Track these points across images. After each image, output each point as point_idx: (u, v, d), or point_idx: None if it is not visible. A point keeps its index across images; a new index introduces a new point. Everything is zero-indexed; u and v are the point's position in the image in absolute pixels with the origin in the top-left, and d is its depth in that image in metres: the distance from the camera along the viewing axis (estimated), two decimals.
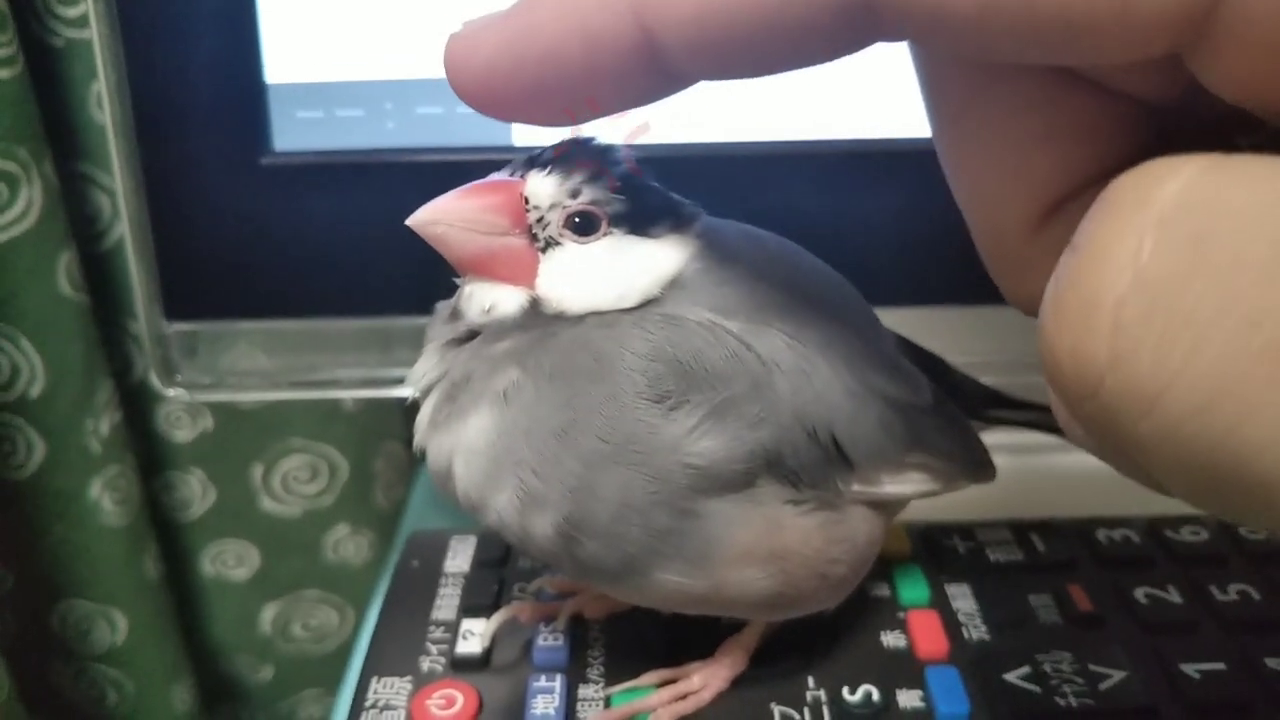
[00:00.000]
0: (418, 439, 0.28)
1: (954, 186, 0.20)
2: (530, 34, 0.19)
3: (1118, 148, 0.19)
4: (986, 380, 0.36)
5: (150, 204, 0.39)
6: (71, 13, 0.45)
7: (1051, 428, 0.37)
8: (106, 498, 0.50)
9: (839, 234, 0.40)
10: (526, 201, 0.26)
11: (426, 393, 0.28)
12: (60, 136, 0.47)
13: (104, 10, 0.37)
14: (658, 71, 0.19)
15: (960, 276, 0.37)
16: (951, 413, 0.31)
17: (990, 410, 0.36)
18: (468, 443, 0.26)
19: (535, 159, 0.26)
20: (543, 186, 0.26)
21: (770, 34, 0.17)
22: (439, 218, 0.25)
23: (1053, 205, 0.19)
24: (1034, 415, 0.37)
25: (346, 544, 0.59)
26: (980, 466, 0.32)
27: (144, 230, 0.40)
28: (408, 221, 0.25)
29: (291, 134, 0.39)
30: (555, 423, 0.25)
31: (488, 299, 0.27)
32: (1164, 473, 0.14)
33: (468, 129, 0.39)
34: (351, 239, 0.40)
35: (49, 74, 0.46)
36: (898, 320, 0.33)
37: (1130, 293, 0.14)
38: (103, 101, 0.38)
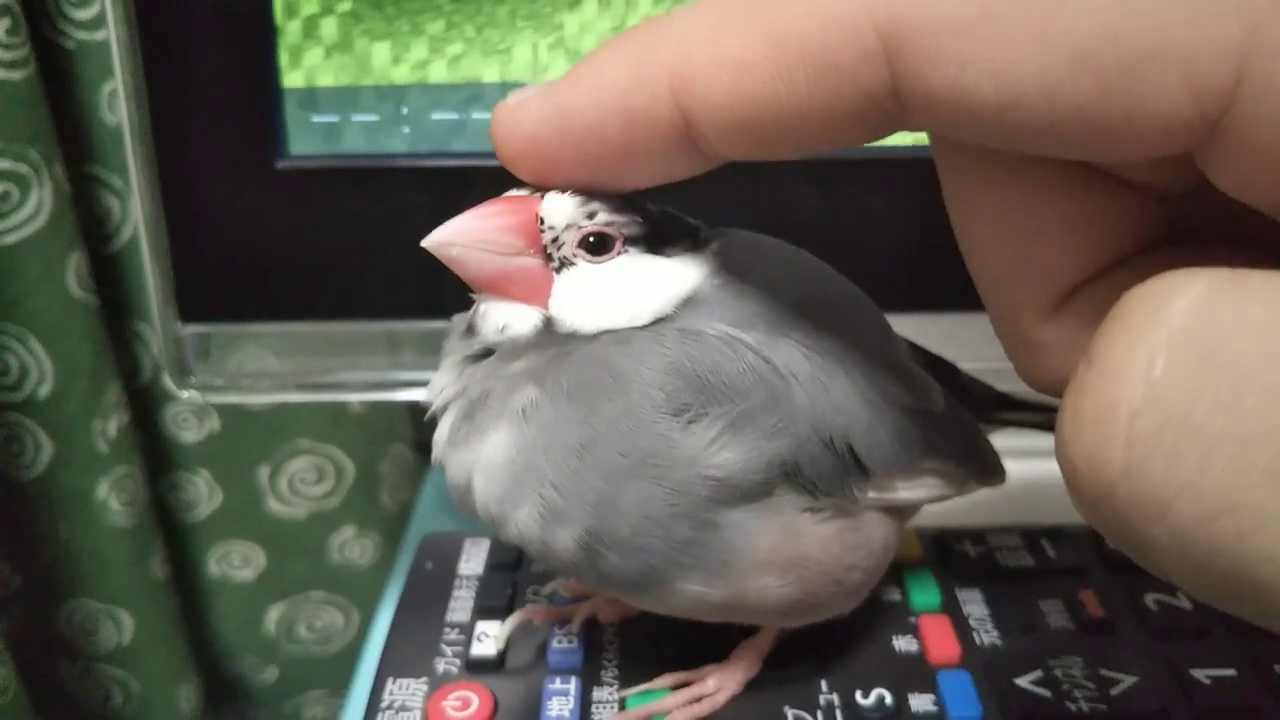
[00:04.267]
0: (436, 454, 0.28)
1: (971, 268, 0.21)
2: (573, 110, 0.20)
3: (1132, 237, 0.20)
4: (1000, 387, 0.36)
5: (165, 206, 0.40)
6: (84, 15, 0.45)
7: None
8: (114, 498, 0.51)
9: (852, 241, 0.40)
10: (542, 221, 0.26)
11: (444, 408, 0.28)
12: (71, 138, 0.47)
13: (121, 13, 0.37)
14: (692, 150, 0.19)
15: (971, 283, 0.38)
16: (962, 417, 0.32)
17: (1000, 413, 0.36)
18: (487, 459, 0.26)
19: None
20: (559, 207, 0.26)
21: (801, 120, 0.18)
22: (454, 239, 0.25)
23: (1067, 292, 0.20)
24: (1043, 417, 0.37)
25: (352, 546, 0.60)
26: (991, 470, 0.32)
27: (159, 232, 0.40)
28: (423, 243, 0.25)
29: (306, 138, 0.39)
30: (574, 439, 0.25)
31: (502, 318, 0.27)
32: (1175, 573, 0.15)
33: (482, 135, 0.39)
34: (365, 244, 0.40)
35: (60, 76, 0.46)
36: (910, 326, 0.33)
37: (1143, 406, 0.14)
38: (119, 104, 0.38)
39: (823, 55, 0.17)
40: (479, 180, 0.39)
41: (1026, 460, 0.38)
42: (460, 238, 0.25)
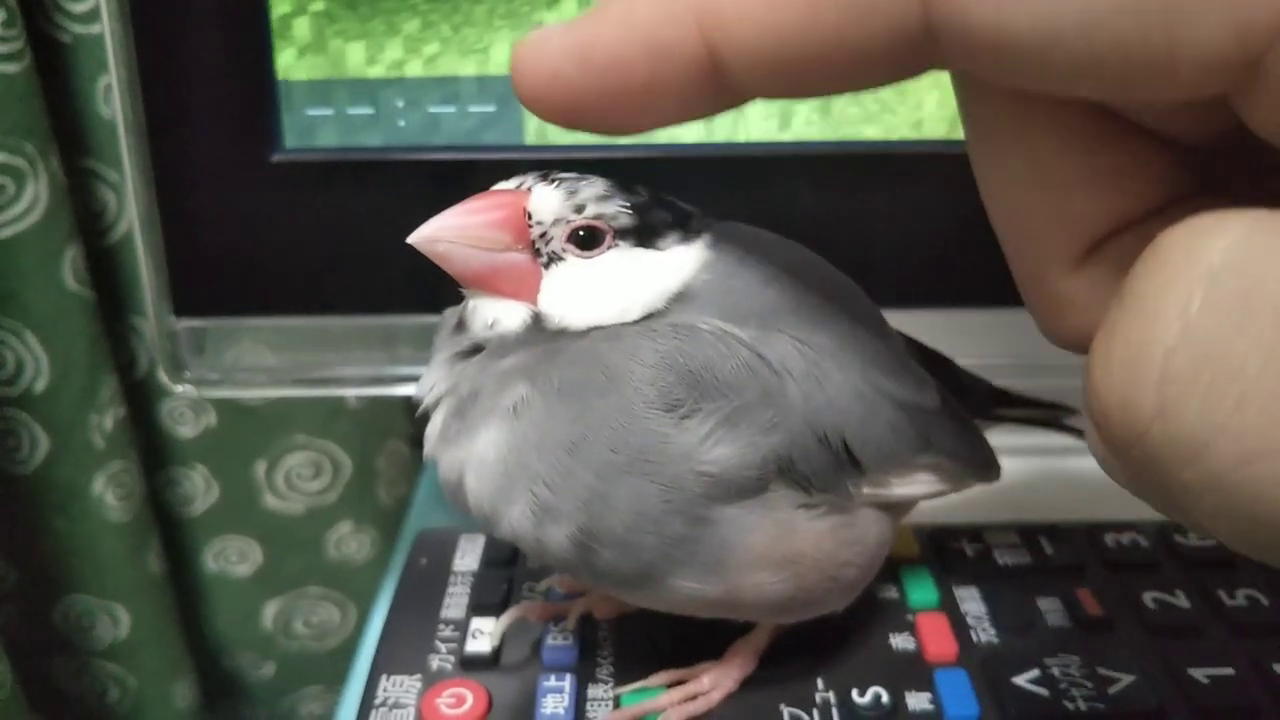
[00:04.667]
0: (428, 450, 0.28)
1: (994, 221, 0.21)
2: (596, 44, 0.19)
3: (1159, 189, 0.20)
4: (997, 383, 0.36)
5: (160, 200, 0.39)
6: (79, 8, 0.45)
7: (1058, 425, 0.37)
8: (110, 493, 0.50)
9: (849, 237, 0.40)
10: (529, 216, 0.25)
11: (435, 404, 0.28)
12: (67, 132, 0.47)
13: (116, 7, 0.37)
14: (719, 86, 0.19)
15: (970, 279, 0.37)
16: (958, 413, 0.32)
17: (997, 408, 0.36)
18: (479, 457, 0.26)
19: (545, 175, 0.26)
20: (546, 202, 0.25)
21: (831, 57, 0.17)
22: (441, 235, 0.25)
23: (1092, 244, 0.20)
24: (1040, 412, 0.37)
25: (349, 541, 0.59)
26: (986, 466, 0.32)
27: (154, 226, 0.40)
28: (410, 239, 0.25)
29: (302, 131, 0.39)
30: (566, 436, 0.25)
31: (491, 314, 0.27)
32: (1208, 518, 0.15)
33: (479, 128, 0.39)
34: (361, 237, 0.40)
35: (56, 69, 0.46)
36: (908, 323, 0.33)
37: (1179, 345, 0.14)
38: (113, 97, 0.38)
39: None
40: (477, 173, 0.39)
41: (1024, 458, 0.38)
42: (447, 234, 0.25)
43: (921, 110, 0.39)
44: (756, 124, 0.40)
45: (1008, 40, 0.16)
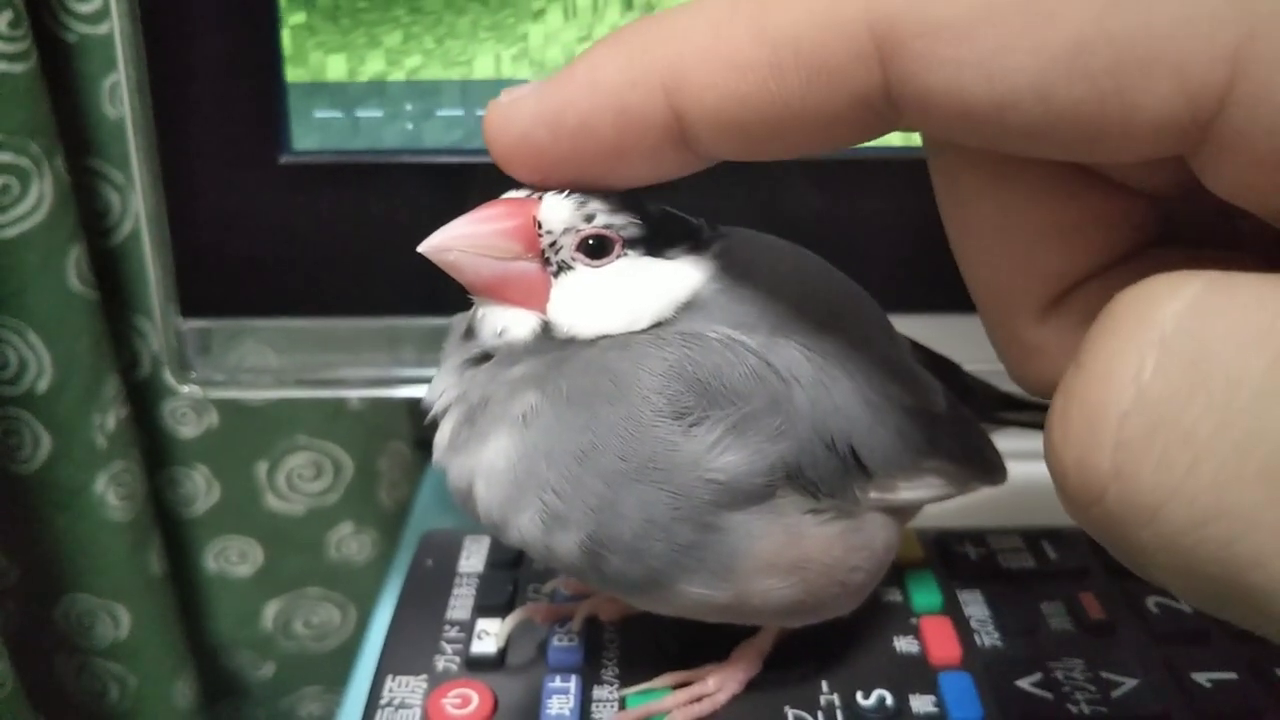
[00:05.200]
0: (437, 457, 0.28)
1: (963, 270, 0.21)
2: (565, 108, 0.20)
3: (1125, 239, 0.20)
4: (1003, 388, 0.36)
5: (167, 201, 0.39)
6: (86, 8, 0.45)
7: None
8: (111, 493, 0.50)
9: (857, 242, 0.40)
10: (539, 225, 0.26)
11: (444, 411, 0.28)
12: (72, 132, 0.47)
13: (124, 6, 0.37)
14: (685, 149, 0.19)
15: None
16: (964, 417, 0.32)
17: (1003, 413, 0.36)
18: (489, 465, 0.26)
19: None
20: (556, 211, 0.25)
21: (794, 122, 0.18)
22: (451, 244, 0.25)
23: (1060, 293, 0.20)
24: (1045, 417, 0.37)
25: (350, 542, 0.60)
26: (993, 469, 0.32)
27: (160, 227, 0.40)
28: (420, 249, 0.25)
29: (310, 134, 0.39)
30: (575, 445, 0.25)
31: (500, 322, 0.27)
32: (1165, 577, 0.15)
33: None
34: (367, 240, 0.40)
35: (62, 69, 0.46)
36: (915, 327, 0.33)
37: (1133, 410, 0.14)
38: (121, 98, 0.38)
39: (816, 57, 0.17)
40: (483, 177, 0.39)
41: (1028, 462, 0.38)
42: (457, 243, 0.25)
43: None
44: None
45: (966, 106, 0.16)
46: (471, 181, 0.38)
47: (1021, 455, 0.35)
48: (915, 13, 0.16)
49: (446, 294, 0.29)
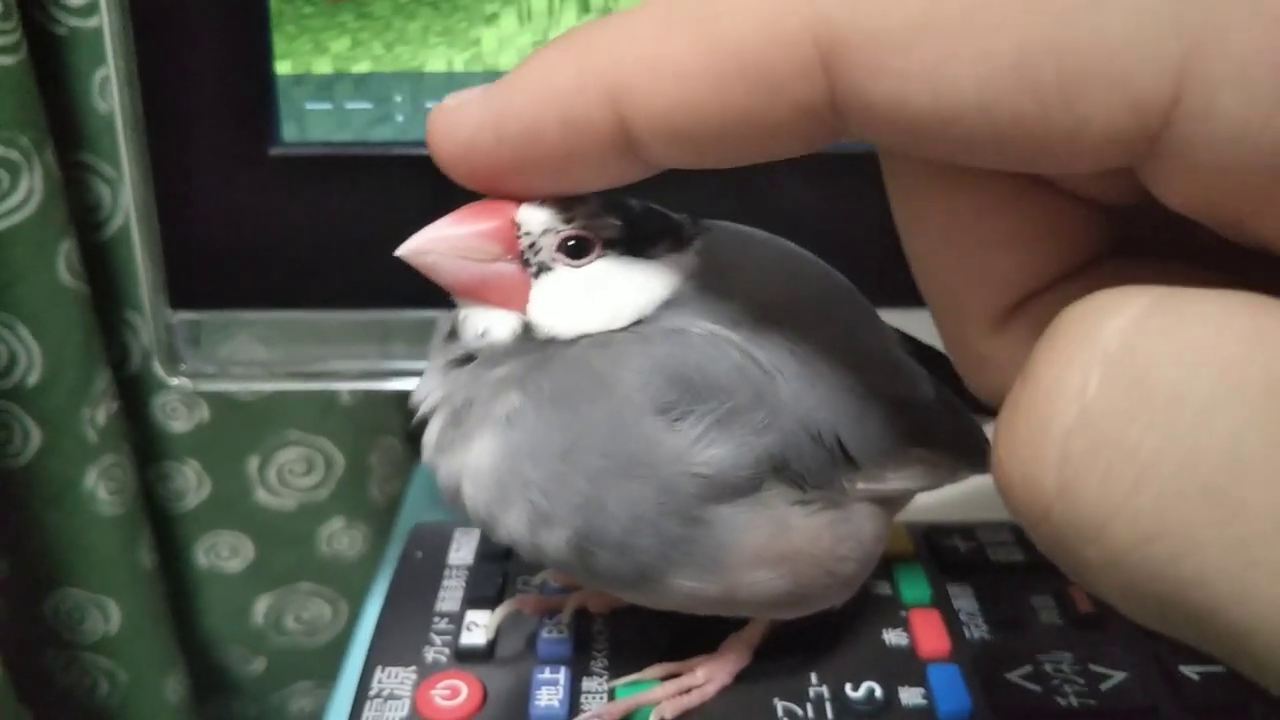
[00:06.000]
0: (426, 458, 0.28)
1: (917, 279, 0.21)
2: (509, 114, 0.20)
3: (1080, 249, 0.20)
4: None
5: (156, 193, 0.39)
6: (76, 1, 0.45)
7: None
8: (101, 487, 0.50)
9: (844, 236, 0.40)
10: (518, 227, 0.26)
11: (431, 412, 0.28)
12: (62, 125, 0.47)
13: (114, 0, 0.37)
14: (631, 156, 0.19)
15: None
16: (953, 404, 0.32)
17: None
18: (475, 465, 0.26)
19: None
20: (535, 213, 0.25)
21: (739, 131, 0.18)
22: (429, 246, 0.25)
23: (1013, 304, 0.20)
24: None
25: (341, 537, 0.59)
26: (982, 456, 0.32)
27: (149, 219, 0.40)
28: (398, 252, 0.25)
29: (299, 125, 0.39)
30: (559, 444, 0.25)
31: (481, 324, 0.27)
32: (1111, 594, 0.15)
33: None
34: (357, 232, 0.40)
35: (52, 62, 0.46)
36: (904, 322, 0.33)
37: (1076, 428, 0.14)
38: (111, 91, 0.38)
39: (760, 68, 0.17)
40: None
41: None
42: (435, 245, 0.25)
43: None
44: None
45: (910, 116, 0.16)
46: None
47: None
48: (858, 23, 0.16)
49: (436, 287, 0.29)
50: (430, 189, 0.39)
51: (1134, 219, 0.20)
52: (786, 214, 0.41)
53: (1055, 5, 0.15)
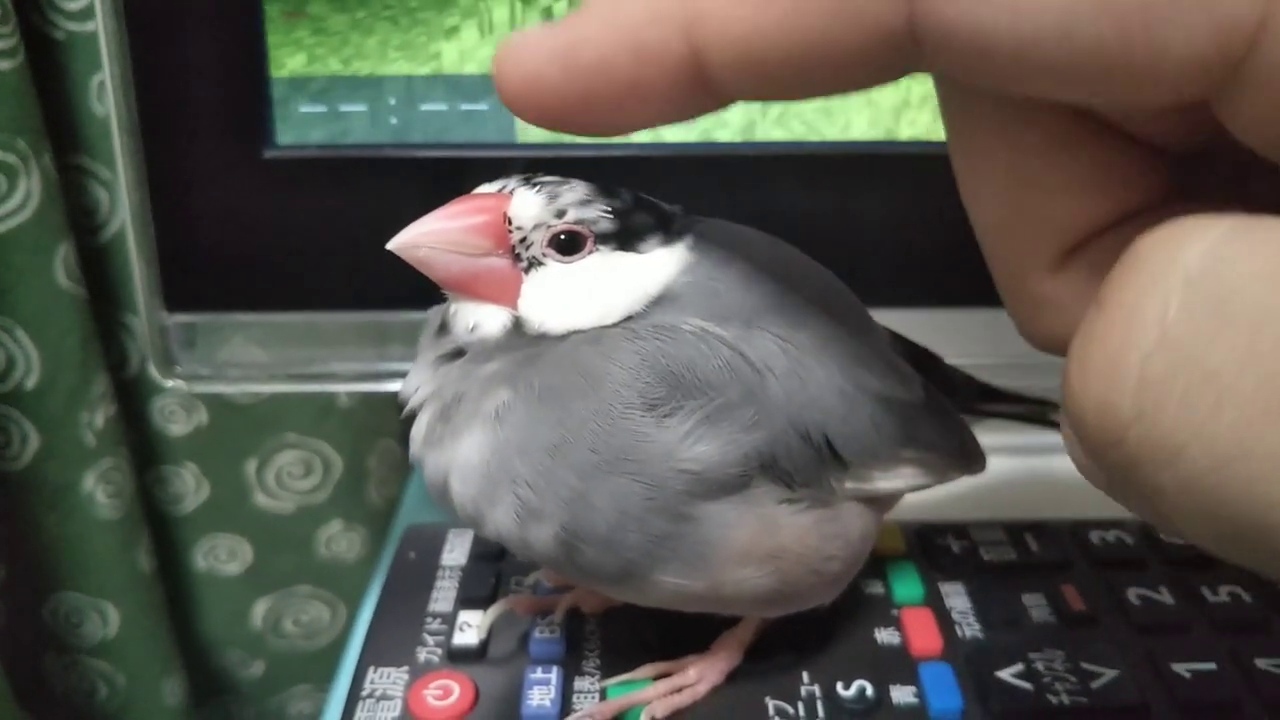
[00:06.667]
0: (414, 452, 0.28)
1: (975, 222, 0.21)
2: (580, 45, 0.19)
3: (1139, 193, 0.20)
4: (983, 380, 0.36)
5: (152, 196, 0.40)
6: (73, 6, 0.45)
7: (1041, 420, 0.37)
8: (100, 491, 0.50)
9: (837, 236, 0.40)
10: (510, 222, 0.26)
11: (420, 406, 0.28)
12: (60, 129, 0.47)
13: (110, 4, 0.37)
14: (703, 89, 0.19)
15: (958, 278, 0.38)
16: (942, 406, 0.32)
17: (981, 404, 0.36)
18: (463, 460, 0.26)
19: (528, 178, 0.27)
20: (526, 207, 0.25)
21: (815, 60, 0.17)
22: (421, 240, 0.25)
23: (1072, 246, 0.20)
24: (1024, 408, 0.37)
25: (339, 540, 0.59)
26: (971, 458, 0.33)
27: (145, 222, 0.40)
28: (389, 245, 0.25)
29: (294, 128, 0.39)
30: (548, 440, 0.25)
31: (472, 319, 0.27)
32: (1185, 521, 0.15)
33: (471, 126, 0.39)
34: (353, 234, 0.40)
35: (49, 67, 0.46)
36: (895, 322, 0.33)
37: (1156, 350, 0.14)
38: (106, 94, 0.38)
39: None
40: (468, 171, 0.39)
41: (1010, 456, 0.38)
42: (427, 239, 0.25)
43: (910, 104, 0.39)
44: (741, 122, 0.40)
45: (987, 42, 0.16)
46: (456, 175, 0.38)
47: (1004, 448, 0.36)
48: None
49: (433, 288, 0.29)
50: (424, 190, 0.39)
51: (1194, 167, 0.20)
52: (786, 214, 0.41)
53: None
